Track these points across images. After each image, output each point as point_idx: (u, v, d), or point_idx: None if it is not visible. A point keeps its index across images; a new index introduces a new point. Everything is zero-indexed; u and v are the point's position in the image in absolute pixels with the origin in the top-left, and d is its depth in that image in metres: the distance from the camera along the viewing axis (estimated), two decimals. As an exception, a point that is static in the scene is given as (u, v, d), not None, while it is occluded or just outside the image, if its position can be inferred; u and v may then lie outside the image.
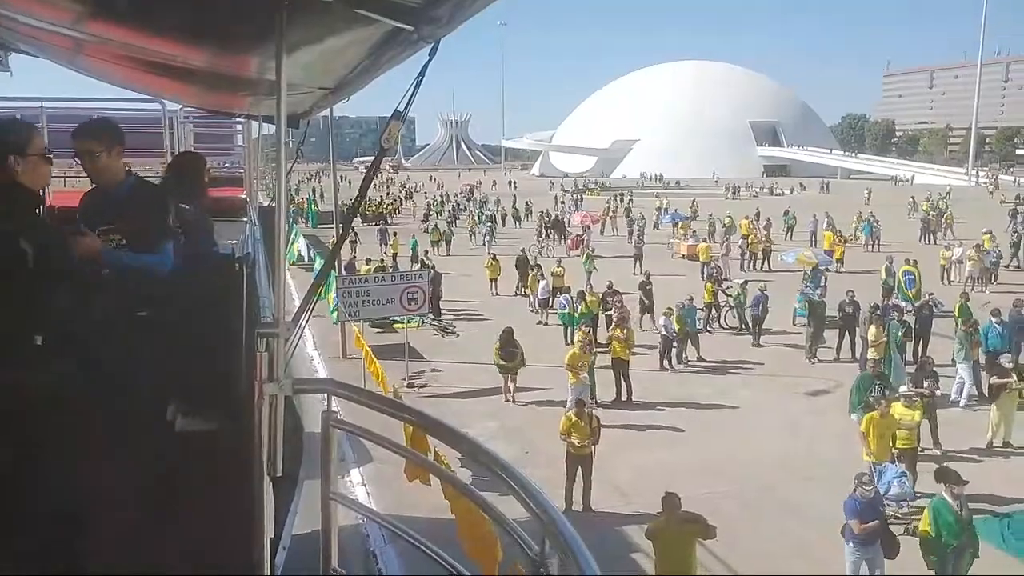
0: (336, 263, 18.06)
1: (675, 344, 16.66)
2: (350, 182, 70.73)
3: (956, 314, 15.86)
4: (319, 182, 78.75)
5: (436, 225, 38.81)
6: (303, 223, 44.20)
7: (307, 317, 2.55)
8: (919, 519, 9.59)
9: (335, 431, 2.44)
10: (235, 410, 2.23)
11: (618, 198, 59.13)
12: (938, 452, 11.73)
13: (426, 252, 28.50)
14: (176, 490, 2.50)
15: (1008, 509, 9.88)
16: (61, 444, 2.36)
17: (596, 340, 15.96)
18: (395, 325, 18.95)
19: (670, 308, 16.92)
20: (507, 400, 14.79)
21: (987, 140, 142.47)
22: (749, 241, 30.64)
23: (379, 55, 2.39)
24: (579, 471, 10.22)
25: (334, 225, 25.59)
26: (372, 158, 2.59)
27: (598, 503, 10.28)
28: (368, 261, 24.35)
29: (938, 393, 12.63)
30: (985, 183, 79.23)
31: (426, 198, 60.26)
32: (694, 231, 35.91)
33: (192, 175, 4.39)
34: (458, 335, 19.93)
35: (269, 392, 2.13)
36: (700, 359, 17.14)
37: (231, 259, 4.22)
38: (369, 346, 14.43)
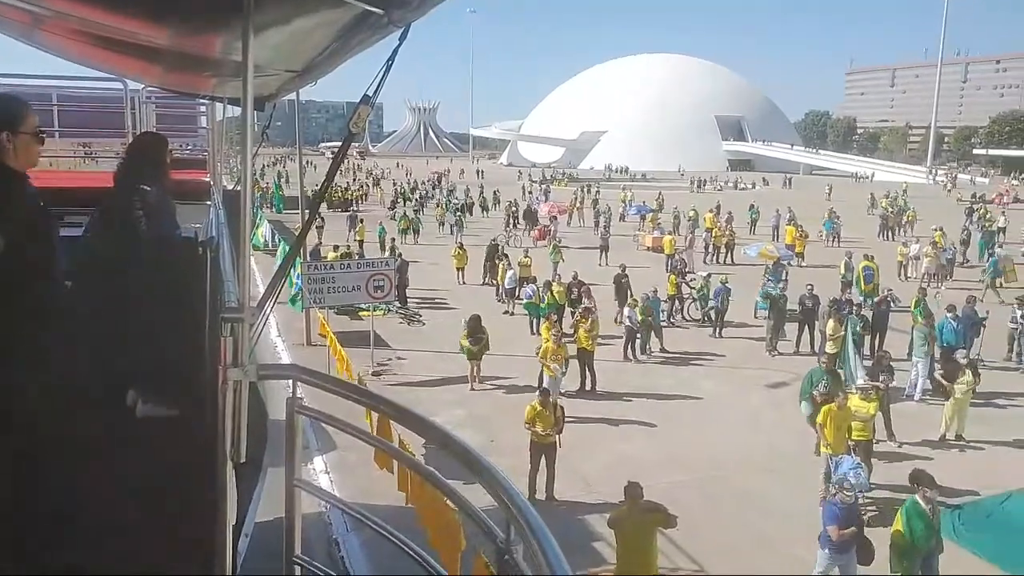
0: (301, 249, 17.88)
1: (639, 335, 16.80)
2: (316, 167, 70.13)
3: (913, 309, 16.24)
4: (284, 166, 77.83)
5: (404, 213, 38.20)
6: (268, 208, 43.63)
7: (272, 303, 2.52)
8: (874, 511, 9.87)
9: (300, 418, 2.42)
10: (198, 396, 2.20)
11: (585, 189, 59.37)
12: (894, 444, 12.01)
13: (393, 240, 28.30)
14: (137, 476, 2.46)
15: (959, 501, 10.14)
16: (21, 431, 2.31)
17: (563, 331, 16.05)
18: (360, 313, 18.85)
19: (635, 299, 17.07)
20: (473, 388, 14.83)
21: (945, 139, 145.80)
22: (713, 234, 30.97)
23: (348, 38, 2.36)
24: (543, 460, 10.27)
25: (300, 211, 25.26)
26: (339, 143, 2.56)
27: (561, 492, 10.35)
28: (336, 248, 24.07)
29: (892, 386, 12.94)
30: (942, 181, 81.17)
31: (394, 185, 59.83)
32: (659, 223, 36.18)
33: (154, 156, 4.29)
34: (424, 324, 19.88)
35: (233, 378, 2.10)
36: (663, 350, 17.31)
37: (195, 243, 4.15)
38: (334, 333, 14.33)
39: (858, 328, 15.17)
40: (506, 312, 20.81)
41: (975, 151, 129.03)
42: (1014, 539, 8.96)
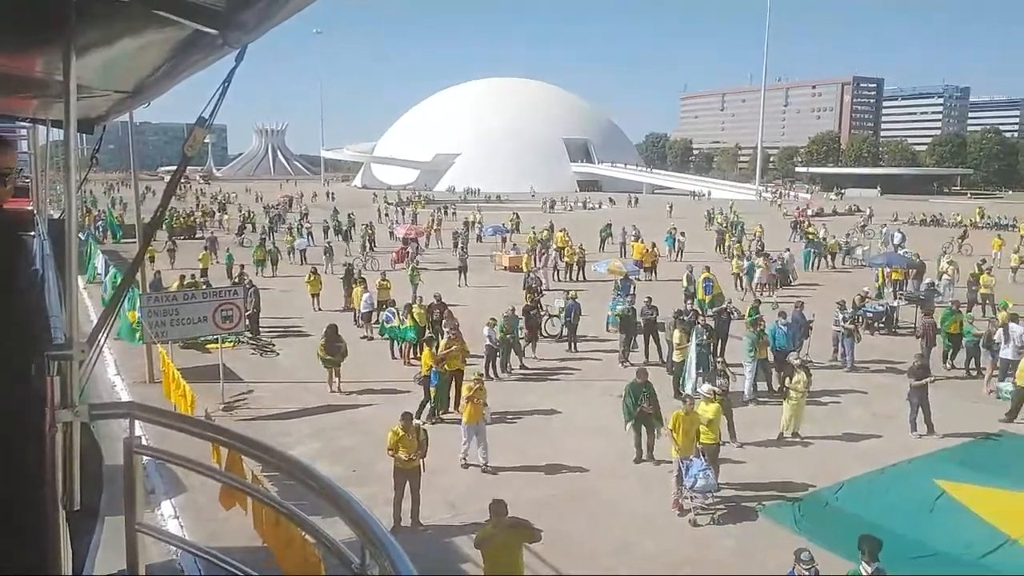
0: (140, 279, 16.82)
1: (499, 353, 17.01)
2: (154, 192, 66.45)
3: (747, 317, 17.44)
4: (119, 192, 73.39)
5: (261, 243, 35.22)
6: (107, 238, 40.88)
7: (104, 337, 2.37)
8: (723, 509, 10.45)
9: (139, 458, 2.28)
10: (23, 441, 2.03)
11: (442, 211, 59.72)
12: (735, 445, 12.77)
13: (242, 267, 26.99)
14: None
15: (799, 494, 10.95)
16: None
17: (418, 353, 15.98)
18: (208, 345, 17.94)
19: (494, 319, 17.25)
20: (332, 391, 15.27)
21: (771, 158, 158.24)
22: (564, 253, 31.93)
23: (181, 59, 2.28)
24: (407, 485, 10.14)
25: (136, 239, 23.77)
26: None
27: (428, 516, 10.25)
28: (182, 278, 22.59)
29: (732, 390, 13.81)
30: (768, 198, 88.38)
31: (240, 210, 57.55)
32: (515, 244, 36.91)
33: None
34: (278, 354, 19.17)
35: (62, 419, 1.95)
36: (523, 367, 17.61)
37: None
38: (179, 369, 13.53)
39: (704, 337, 16.07)
40: (364, 337, 20.42)
41: (797, 169, 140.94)
42: (849, 526, 9.76)
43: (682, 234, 38.29)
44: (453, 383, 14.60)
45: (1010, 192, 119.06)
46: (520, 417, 14.41)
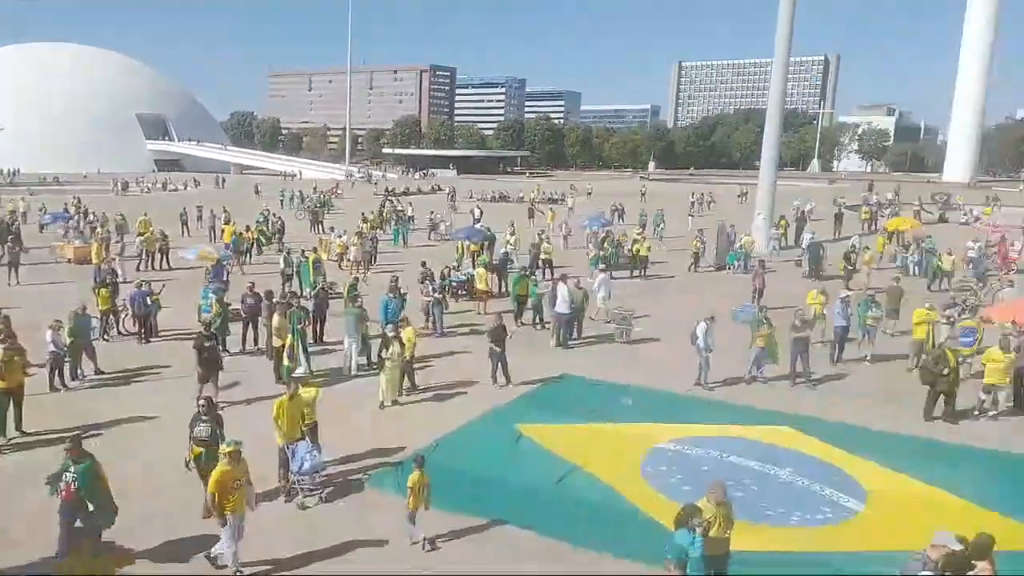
0: None
1: (67, 360, 14.80)
2: None
3: (346, 294, 17.81)
4: None
5: None
6: None
7: None
8: (331, 487, 10.53)
9: None
10: None
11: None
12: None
13: None
14: None
15: (398, 459, 11.48)
16: None
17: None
18: None
19: (58, 320, 14.85)
20: None
21: (360, 139, 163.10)
22: (146, 239, 29.00)
23: None
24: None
25: None
26: None
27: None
28: None
29: (333, 367, 13.97)
30: (354, 179, 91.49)
31: None
32: (81, 230, 32.48)
33: None
34: None
35: None
36: (98, 371, 15.58)
37: None
38: None
39: (301, 319, 15.86)
40: None
41: (384, 150, 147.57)
42: (447, 479, 10.47)
43: (276, 215, 37.75)
44: (12, 402, 12.30)
45: (560, 172, 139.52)
46: (104, 429, 12.66)
